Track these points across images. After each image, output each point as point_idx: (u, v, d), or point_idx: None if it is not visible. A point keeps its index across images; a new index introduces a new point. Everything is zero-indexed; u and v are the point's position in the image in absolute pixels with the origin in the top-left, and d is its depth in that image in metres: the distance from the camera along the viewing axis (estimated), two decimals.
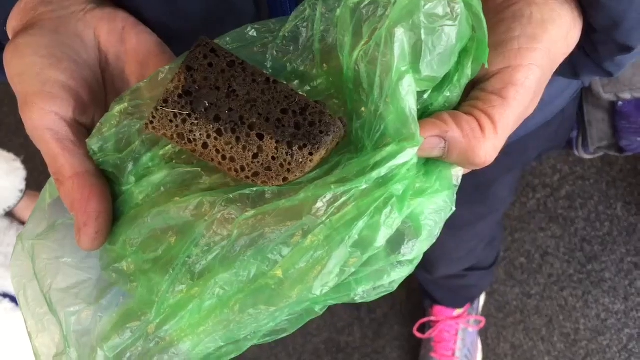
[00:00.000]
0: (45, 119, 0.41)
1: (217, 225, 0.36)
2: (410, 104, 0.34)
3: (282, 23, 0.40)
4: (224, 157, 0.36)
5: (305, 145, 0.35)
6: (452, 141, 0.36)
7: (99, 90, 0.44)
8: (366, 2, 0.35)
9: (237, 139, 0.36)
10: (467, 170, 0.40)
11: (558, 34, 0.38)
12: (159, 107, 0.36)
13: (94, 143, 0.41)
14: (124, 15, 0.46)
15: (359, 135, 0.37)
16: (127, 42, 0.45)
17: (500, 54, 0.37)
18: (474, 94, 0.38)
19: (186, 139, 0.36)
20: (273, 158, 0.35)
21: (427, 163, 0.37)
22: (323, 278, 0.33)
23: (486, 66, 0.36)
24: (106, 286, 0.40)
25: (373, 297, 0.35)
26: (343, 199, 0.34)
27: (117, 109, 0.40)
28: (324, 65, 0.39)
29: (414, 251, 0.34)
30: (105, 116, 0.41)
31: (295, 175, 0.35)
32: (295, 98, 0.35)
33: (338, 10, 0.38)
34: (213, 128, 0.36)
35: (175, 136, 0.36)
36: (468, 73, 0.36)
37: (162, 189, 0.39)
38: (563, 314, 1.70)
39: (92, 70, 0.44)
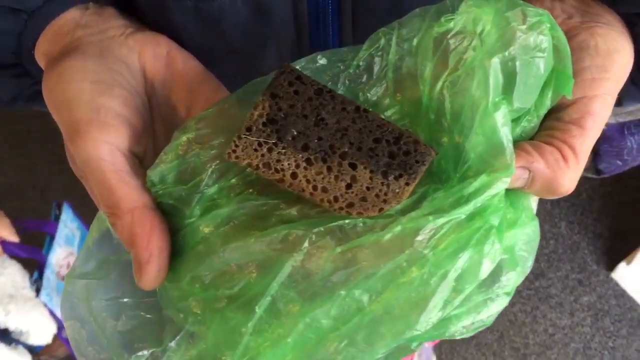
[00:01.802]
0: (100, 149, 0.38)
1: (307, 260, 0.35)
2: (507, 135, 0.34)
3: (355, 52, 0.39)
4: (315, 188, 0.35)
5: (401, 175, 0.34)
6: (536, 172, 0.36)
7: (148, 118, 0.42)
8: (452, 32, 0.36)
9: (329, 169, 0.35)
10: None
11: (622, 63, 0.40)
12: (242, 136, 0.35)
13: (155, 174, 0.39)
14: (166, 39, 0.45)
15: (442, 166, 0.37)
16: (173, 67, 0.43)
17: (575, 84, 0.38)
18: (550, 124, 0.38)
19: (273, 169, 0.35)
20: (368, 188, 0.34)
21: (507, 194, 0.38)
22: (427, 314, 0.33)
23: (569, 97, 0.37)
24: (172, 327, 0.38)
25: (471, 332, 0.34)
26: (443, 231, 0.34)
27: (183, 138, 0.38)
28: (398, 94, 0.38)
29: (511, 283, 0.34)
30: (169, 146, 0.39)
31: (391, 206, 0.34)
32: (388, 127, 0.35)
33: (415, 40, 0.38)
34: (302, 157, 0.35)
35: (261, 166, 0.35)
36: (547, 103, 0.37)
37: (232, 222, 0.38)
38: (513, 329, 1.76)
39: (141, 97, 0.42)
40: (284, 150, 0.35)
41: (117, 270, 0.40)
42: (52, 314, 1.39)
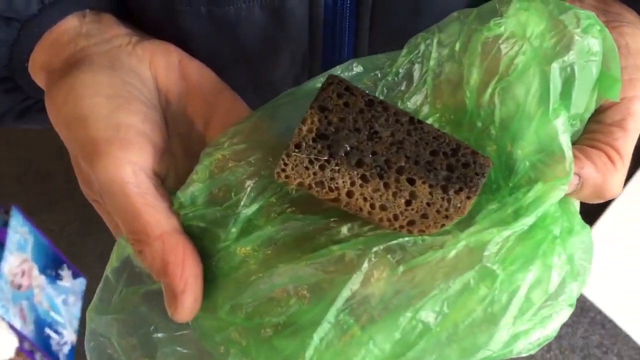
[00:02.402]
0: (123, 170, 0.35)
1: (366, 282, 0.33)
2: (567, 143, 0.33)
3: (392, 59, 0.37)
4: (372, 206, 0.32)
5: (461, 189, 0.33)
6: (587, 177, 0.35)
7: (166, 135, 0.39)
8: (504, 37, 0.34)
9: (386, 185, 0.33)
10: None
11: None
12: (292, 153, 0.32)
13: (186, 195, 0.36)
14: (175, 47, 0.41)
15: (491, 176, 0.35)
16: (187, 78, 0.41)
17: None
18: (591, 127, 0.38)
19: (327, 188, 0.32)
20: (428, 204, 0.32)
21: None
22: (499, 332, 0.31)
23: (616, 100, 0.36)
24: None
25: (536, 348, 0.33)
26: (509, 244, 0.32)
27: (216, 155, 0.36)
28: (438, 102, 0.37)
29: (574, 294, 0.33)
30: (200, 164, 0.36)
31: (453, 222, 0.33)
32: (444, 139, 0.33)
33: (457, 45, 0.36)
34: (357, 174, 0.33)
35: (314, 185, 0.32)
36: (592, 107, 0.36)
37: (274, 244, 0.35)
38: None
39: (158, 111, 0.39)
40: (337, 167, 0.32)
41: (145, 302, 0.36)
42: (10, 326, 1.31)
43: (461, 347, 0.32)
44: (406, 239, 0.33)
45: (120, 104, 0.37)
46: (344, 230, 0.34)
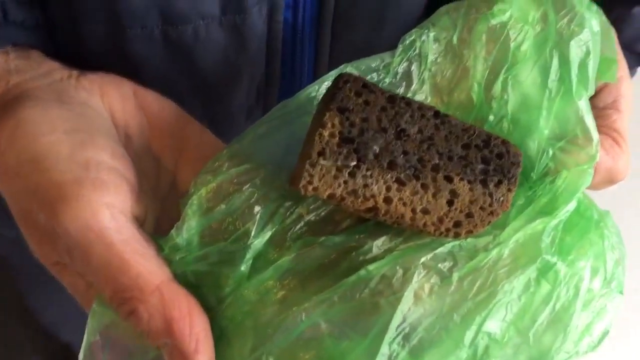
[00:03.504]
0: (100, 214, 0.29)
1: (418, 300, 0.28)
2: (593, 124, 0.32)
3: (385, 59, 0.35)
4: (414, 211, 0.29)
5: (500, 182, 0.30)
6: (599, 162, 0.34)
7: (136, 172, 0.33)
8: (510, 23, 0.33)
9: (424, 187, 0.29)
10: None
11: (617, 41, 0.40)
12: (317, 162, 0.28)
13: (181, 235, 0.30)
14: (125, 79, 0.36)
15: None
16: (147, 110, 0.35)
17: None
18: None
19: (362, 197, 0.28)
20: (471, 202, 0.29)
21: None
22: (573, 330, 0.28)
23: (614, 81, 0.35)
24: None
25: (598, 345, 0.30)
26: (558, 234, 0.30)
27: (213, 182, 0.30)
28: (440, 100, 0.34)
29: (622, 279, 0.31)
30: (194, 195, 0.30)
31: (498, 218, 0.30)
32: (473, 130, 0.30)
33: (454, 37, 0.34)
34: (391, 177, 0.29)
35: (346, 195, 0.28)
36: (593, 90, 0.36)
37: (294, 277, 0.30)
38: None
39: (122, 147, 0.33)
40: (369, 173, 0.29)
41: None
42: None
43: (534, 351, 0.28)
44: (451, 244, 0.30)
45: (83, 139, 0.31)
46: (375, 247, 0.30)
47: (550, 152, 0.32)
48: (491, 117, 0.33)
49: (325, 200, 0.28)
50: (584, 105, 0.31)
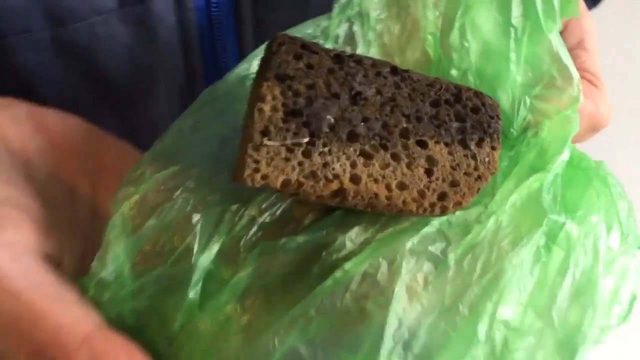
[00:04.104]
0: (1, 257, 0.23)
1: (412, 295, 0.23)
2: (569, 58, 0.27)
3: (321, 23, 0.30)
4: (389, 187, 0.23)
5: (482, 140, 0.25)
6: (581, 108, 0.30)
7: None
8: None
9: (395, 157, 0.24)
10: None
11: None
12: (261, 144, 0.22)
13: (105, 267, 0.24)
14: (16, 100, 0.30)
15: None
16: (48, 131, 0.29)
17: None
18: None
19: (323, 178, 0.23)
20: (453, 168, 0.24)
21: None
22: (601, 302, 0.24)
23: (577, 16, 0.31)
24: None
25: (631, 312, 0.26)
26: (560, 190, 0.25)
27: (136, 194, 0.24)
28: (395, 59, 0.29)
29: (638, 231, 0.27)
30: (115, 215, 0.24)
31: (487, 182, 0.25)
32: (439, 84, 0.25)
33: None
34: (355, 151, 0.23)
35: (303, 180, 0.23)
36: (560, 24, 0.31)
37: (256, 295, 0.24)
38: None
39: (20, 174, 0.27)
40: (326, 149, 0.23)
41: None
42: None
43: (558, 340, 0.23)
44: (437, 222, 0.24)
45: None
46: (348, 240, 0.25)
47: (528, 102, 0.28)
48: (454, 72, 0.28)
49: (279, 190, 0.22)
50: (555, 39, 0.27)
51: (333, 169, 0.23)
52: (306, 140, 0.23)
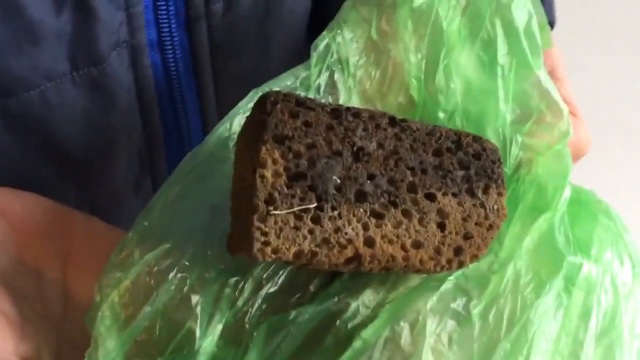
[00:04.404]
0: None
1: (437, 357, 0.22)
2: (558, 95, 0.27)
3: (299, 74, 0.28)
4: (404, 247, 0.22)
5: (488, 186, 0.24)
6: None
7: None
8: (436, 2, 0.27)
9: (406, 214, 0.23)
10: None
11: None
12: (268, 213, 0.20)
13: None
14: None
15: None
16: (5, 213, 0.26)
17: None
18: None
19: (337, 245, 0.21)
20: (464, 219, 0.23)
21: None
22: (630, 342, 0.23)
23: (551, 47, 0.31)
24: None
25: None
26: (568, 229, 0.25)
27: (125, 280, 0.22)
28: (377, 105, 0.28)
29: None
30: (104, 306, 0.22)
31: (500, 229, 0.24)
32: (439, 132, 0.24)
33: (373, 31, 0.28)
34: (365, 212, 0.22)
35: (315, 249, 0.21)
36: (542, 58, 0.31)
37: None
38: None
39: None
40: (336, 213, 0.22)
41: None
42: None
43: None
44: (453, 277, 0.23)
45: None
46: (362, 306, 0.23)
47: (519, 140, 0.27)
48: (441, 114, 0.28)
49: (291, 261, 0.21)
50: (543, 75, 0.27)
51: (345, 233, 0.21)
52: (314, 205, 0.21)
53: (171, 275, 0.22)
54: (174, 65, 0.35)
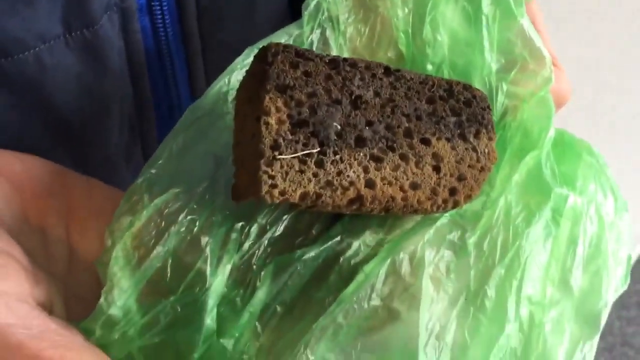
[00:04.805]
0: None
1: (437, 285, 0.23)
2: (541, 42, 0.28)
3: (293, 31, 0.29)
4: (402, 189, 0.23)
5: (478, 131, 0.26)
6: None
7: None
8: None
9: (403, 157, 0.24)
10: None
11: None
12: (274, 158, 0.22)
13: (113, 303, 0.22)
14: None
15: None
16: (7, 174, 0.27)
17: None
18: None
19: (340, 187, 0.22)
20: (458, 162, 0.25)
21: None
22: (616, 266, 0.25)
23: (530, 0, 0.33)
24: None
25: (629, 269, 0.27)
26: (554, 165, 0.26)
27: (136, 223, 0.23)
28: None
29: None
30: (117, 247, 0.23)
31: (491, 171, 0.25)
32: (432, 81, 0.26)
33: None
34: (365, 156, 0.23)
35: (320, 190, 0.22)
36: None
37: (273, 314, 0.23)
38: None
39: None
40: (338, 157, 0.23)
41: None
42: None
43: (578, 308, 0.24)
44: (447, 215, 0.24)
45: None
46: (362, 245, 0.24)
47: (505, 88, 0.28)
48: (429, 67, 0.29)
49: (297, 204, 0.22)
50: (527, 23, 0.28)
51: (348, 176, 0.22)
52: (317, 150, 0.22)
53: (181, 217, 0.23)
54: (163, 30, 0.36)
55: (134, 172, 0.38)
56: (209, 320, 0.23)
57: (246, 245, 0.24)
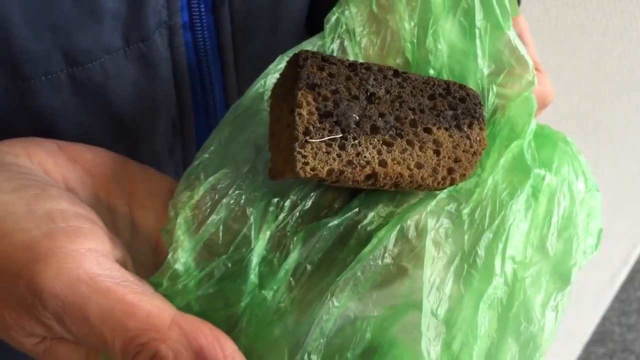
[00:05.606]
0: (86, 263, 0.26)
1: (437, 247, 0.28)
2: (525, 51, 0.34)
3: (318, 42, 0.35)
4: (409, 168, 0.29)
5: (472, 123, 0.31)
6: None
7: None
8: None
9: (410, 143, 0.29)
10: None
11: None
12: (306, 141, 0.27)
13: (178, 260, 0.28)
14: (42, 138, 0.33)
15: None
16: (81, 161, 0.33)
17: None
18: None
19: (358, 165, 0.28)
20: (454, 147, 0.30)
21: None
22: (585, 235, 0.30)
23: (518, 15, 0.38)
24: None
25: (600, 239, 0.32)
26: (534, 151, 0.31)
27: (194, 197, 0.28)
28: None
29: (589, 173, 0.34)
30: (180, 215, 0.28)
31: (481, 156, 0.31)
32: (432, 81, 0.31)
33: (373, 5, 0.35)
34: (379, 141, 0.29)
35: (343, 168, 0.27)
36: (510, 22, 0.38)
37: (308, 269, 0.29)
38: None
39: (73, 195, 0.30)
40: (356, 141, 0.28)
41: None
42: None
43: (553, 267, 0.29)
44: (446, 190, 0.30)
45: (35, 193, 0.28)
46: (376, 215, 0.30)
47: (495, 89, 0.34)
48: (431, 71, 0.34)
49: (324, 179, 0.27)
50: (513, 35, 0.34)
51: (365, 157, 0.28)
52: (340, 135, 0.28)
53: (230, 191, 0.29)
54: (203, 44, 0.42)
55: (176, 164, 0.44)
56: (253, 275, 0.28)
57: (281, 217, 0.29)
